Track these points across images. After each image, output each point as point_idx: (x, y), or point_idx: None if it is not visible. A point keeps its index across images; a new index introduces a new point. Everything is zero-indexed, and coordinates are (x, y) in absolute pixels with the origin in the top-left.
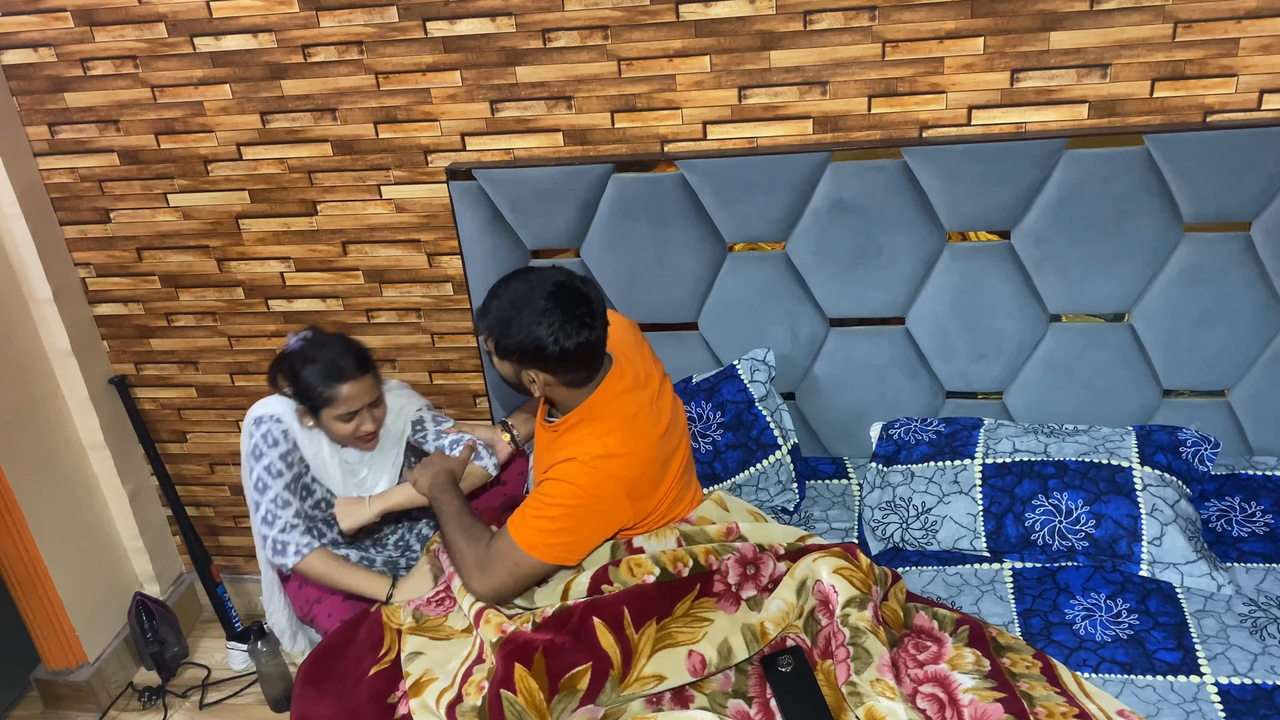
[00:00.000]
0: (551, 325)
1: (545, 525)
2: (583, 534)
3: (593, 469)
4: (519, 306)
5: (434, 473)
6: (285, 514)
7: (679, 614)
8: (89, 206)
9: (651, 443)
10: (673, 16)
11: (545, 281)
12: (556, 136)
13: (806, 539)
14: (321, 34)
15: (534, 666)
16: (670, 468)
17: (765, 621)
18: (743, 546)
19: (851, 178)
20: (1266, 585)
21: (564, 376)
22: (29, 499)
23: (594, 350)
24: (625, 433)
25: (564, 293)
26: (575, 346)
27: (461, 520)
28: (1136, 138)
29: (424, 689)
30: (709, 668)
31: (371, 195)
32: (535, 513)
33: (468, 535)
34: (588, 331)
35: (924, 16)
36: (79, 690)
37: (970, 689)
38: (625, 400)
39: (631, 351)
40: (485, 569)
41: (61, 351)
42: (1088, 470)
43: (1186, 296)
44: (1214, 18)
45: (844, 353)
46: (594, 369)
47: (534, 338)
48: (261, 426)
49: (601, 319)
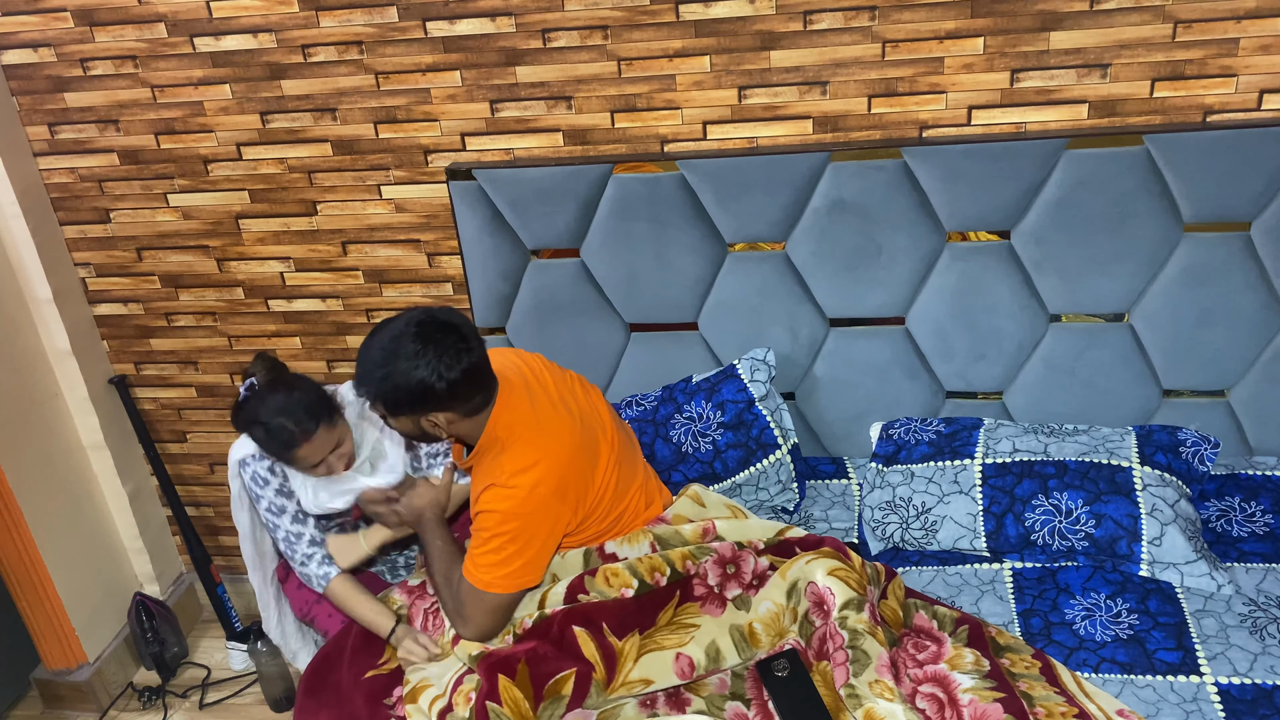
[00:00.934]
0: (430, 363)
1: (493, 559)
2: (532, 552)
3: (513, 488)
4: (392, 358)
5: (421, 506)
6: (300, 546)
7: (662, 624)
8: (89, 206)
9: (565, 440)
10: (673, 16)
11: (407, 325)
12: (556, 136)
13: (785, 532)
14: (321, 34)
15: (518, 676)
16: (598, 457)
17: (754, 622)
18: (720, 546)
19: (851, 178)
20: (1266, 585)
21: (462, 408)
22: (29, 499)
23: (481, 372)
24: (533, 441)
25: (429, 329)
26: (461, 374)
27: (440, 563)
28: (1136, 138)
29: (419, 694)
30: (697, 670)
31: (371, 195)
32: (479, 551)
33: (446, 581)
34: (466, 356)
35: (924, 16)
36: (79, 690)
37: (970, 689)
38: (522, 411)
39: (513, 362)
40: (463, 615)
41: (61, 351)
42: (1088, 470)
43: (1186, 296)
44: (1214, 18)
45: (844, 353)
46: (488, 392)
47: (419, 381)
48: (247, 470)
49: (475, 339)
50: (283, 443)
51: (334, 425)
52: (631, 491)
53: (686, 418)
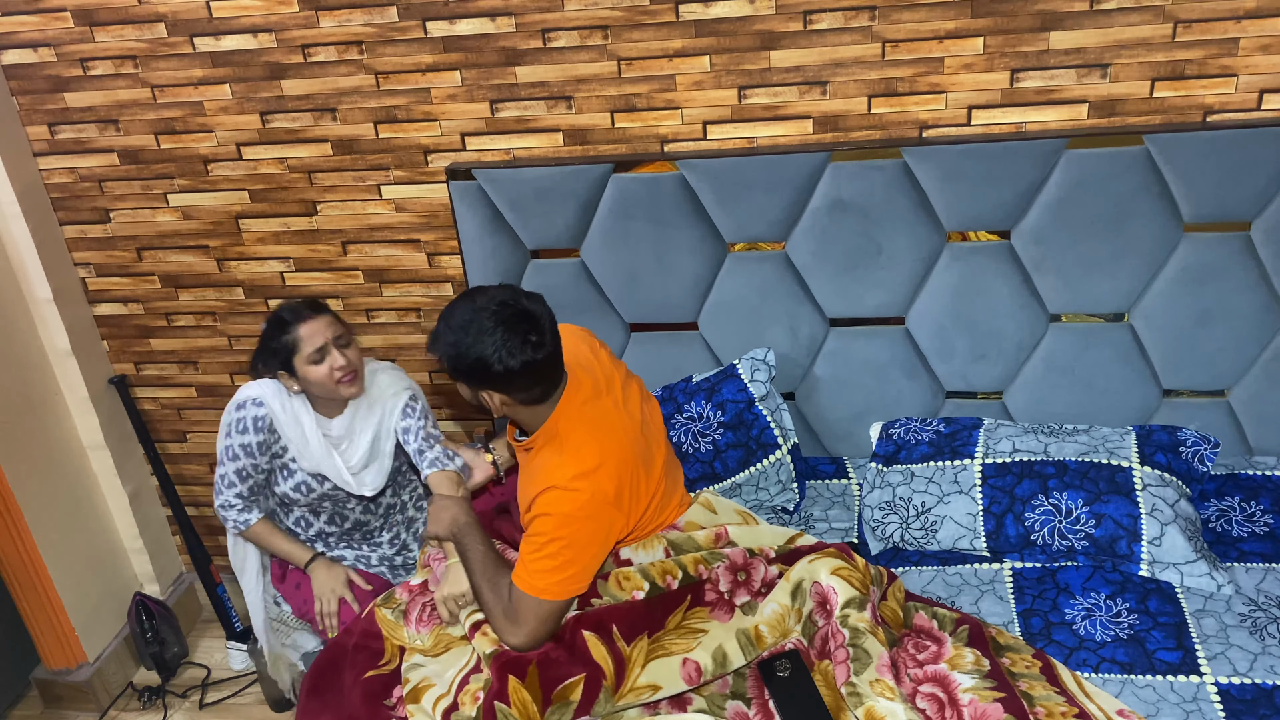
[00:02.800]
0: (496, 345)
1: (548, 565)
2: (586, 559)
3: (574, 492)
4: (465, 328)
5: (450, 517)
6: (229, 492)
7: (671, 627)
8: (89, 206)
9: (625, 446)
10: (673, 16)
11: (490, 302)
12: (556, 136)
13: (796, 539)
14: (321, 34)
15: (527, 678)
16: (653, 467)
17: (760, 625)
18: (732, 553)
19: (851, 178)
20: (1266, 585)
21: (519, 395)
22: (29, 499)
23: (543, 368)
24: (596, 444)
25: (508, 311)
26: (521, 365)
27: (485, 568)
28: (1136, 138)
29: (421, 695)
30: (705, 675)
31: (371, 195)
32: (534, 557)
33: (493, 586)
34: (532, 350)
35: (924, 16)
36: (79, 690)
37: (970, 689)
38: (588, 411)
39: (587, 360)
40: (514, 621)
41: (61, 351)
42: (1088, 470)
43: (1186, 296)
44: (1214, 18)
45: (844, 353)
46: (549, 386)
47: (479, 358)
48: (240, 411)
49: (550, 336)
50: (289, 320)
51: (339, 322)
52: (672, 504)
53: (686, 417)
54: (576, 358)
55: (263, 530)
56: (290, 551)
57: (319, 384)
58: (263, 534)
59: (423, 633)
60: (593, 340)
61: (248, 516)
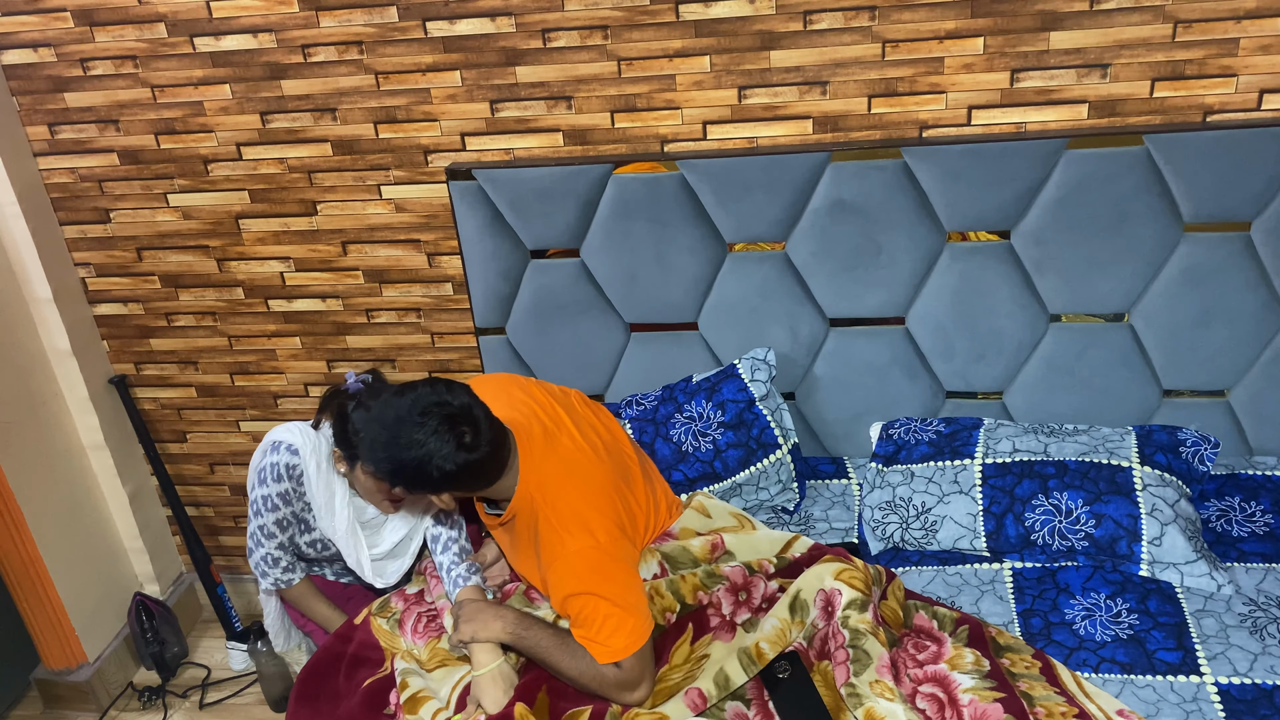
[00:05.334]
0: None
1: (614, 628)
2: (633, 595)
3: (587, 549)
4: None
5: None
6: (268, 545)
7: (677, 661)
8: (89, 206)
9: (601, 477)
10: (673, 16)
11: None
12: (556, 136)
13: (792, 544)
14: (321, 34)
15: (536, 705)
16: (633, 481)
17: (760, 642)
18: (731, 573)
19: (851, 178)
20: (1266, 585)
21: (474, 486)
22: (29, 499)
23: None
24: (576, 491)
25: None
26: (464, 465)
27: (564, 651)
28: (1136, 138)
29: (420, 705)
30: (710, 700)
31: (371, 195)
32: (599, 633)
33: (579, 659)
34: (467, 451)
35: (924, 16)
36: (79, 690)
37: (970, 689)
38: (551, 461)
39: (524, 405)
40: (626, 686)
41: (61, 351)
42: (1088, 470)
43: (1186, 296)
44: (1214, 18)
45: (844, 353)
46: (498, 467)
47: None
48: (273, 456)
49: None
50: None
51: None
52: (664, 507)
53: (687, 417)
54: (514, 406)
55: (304, 592)
56: (329, 618)
57: (364, 493)
58: (304, 595)
59: (419, 644)
60: (518, 379)
61: (291, 576)
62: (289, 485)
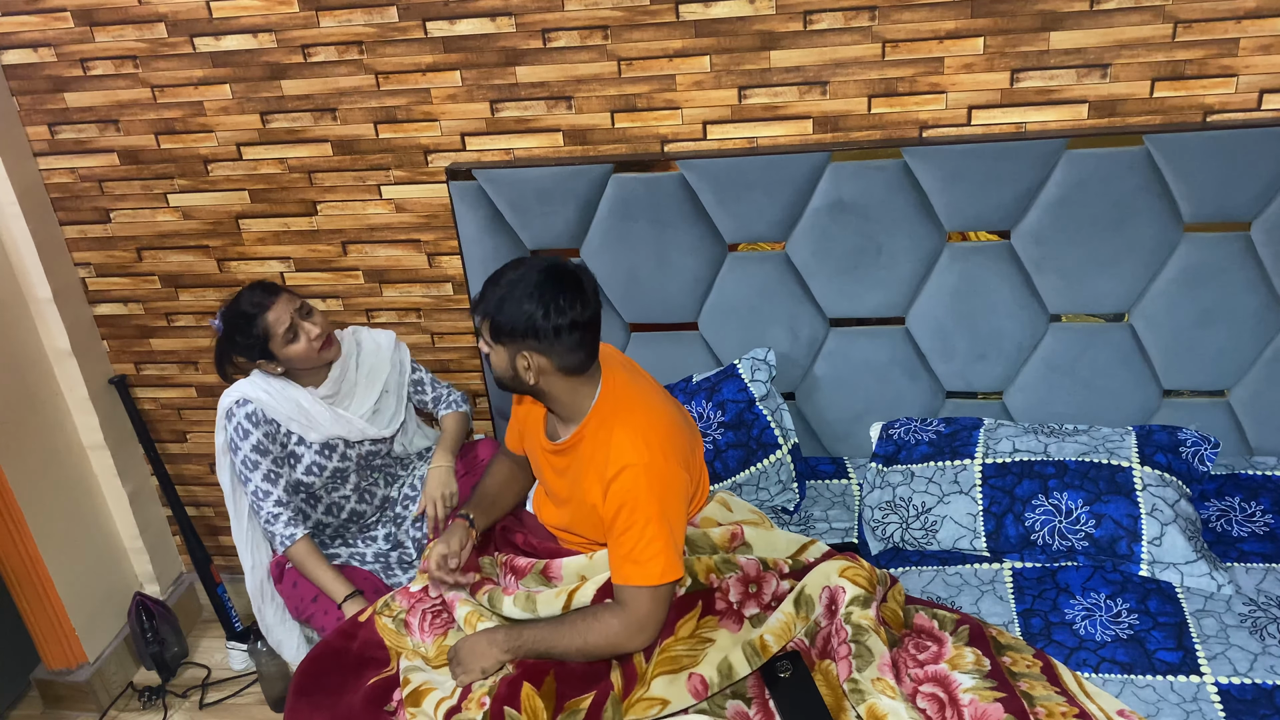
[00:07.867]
0: (544, 302)
1: (657, 548)
2: (679, 533)
3: (647, 462)
4: (512, 288)
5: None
6: (267, 504)
7: (683, 635)
8: (89, 206)
9: (668, 410)
10: (673, 16)
11: (538, 265)
12: (556, 136)
13: (808, 547)
14: (321, 34)
15: (544, 687)
16: (697, 447)
17: (765, 635)
18: (746, 564)
19: (851, 178)
20: (1266, 585)
21: (559, 360)
22: (29, 499)
23: (587, 332)
24: (653, 413)
25: (556, 273)
26: (569, 323)
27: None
28: (1136, 138)
29: (423, 698)
30: (711, 688)
31: (371, 195)
32: (641, 546)
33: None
34: (579, 308)
35: (924, 16)
36: (79, 690)
37: (970, 689)
38: (633, 390)
39: (609, 352)
40: (640, 624)
41: (61, 351)
42: (1088, 470)
43: (1186, 296)
44: (1214, 18)
45: (844, 353)
46: (588, 357)
47: (526, 314)
48: (233, 419)
49: (594, 300)
50: (253, 312)
51: (295, 297)
52: (704, 484)
53: None
54: (606, 351)
55: (306, 551)
56: (330, 583)
57: (302, 358)
58: (307, 555)
59: (427, 642)
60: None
61: (293, 531)
62: (259, 432)
